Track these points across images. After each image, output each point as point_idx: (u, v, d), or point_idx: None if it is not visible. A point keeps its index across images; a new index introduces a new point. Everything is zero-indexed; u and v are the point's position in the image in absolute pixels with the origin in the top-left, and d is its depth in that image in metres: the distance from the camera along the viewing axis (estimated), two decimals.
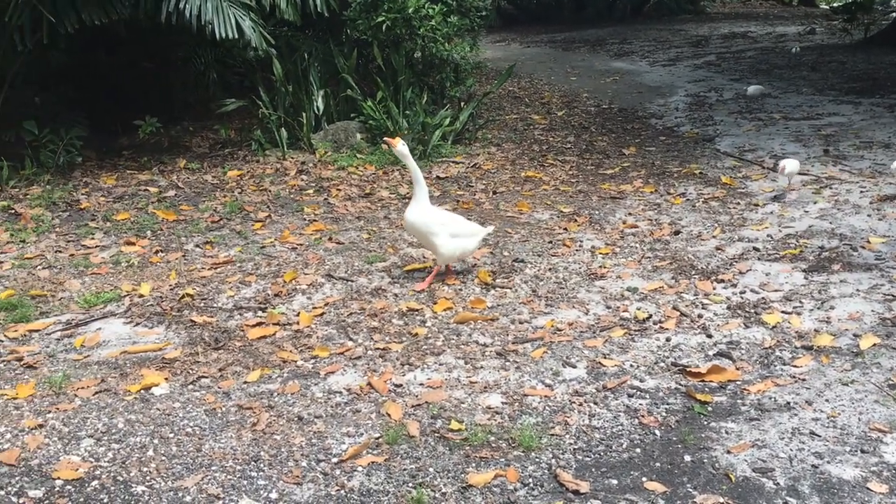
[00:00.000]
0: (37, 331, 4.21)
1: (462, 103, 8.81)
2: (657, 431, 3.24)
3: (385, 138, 4.67)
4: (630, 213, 6.17)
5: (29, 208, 6.08)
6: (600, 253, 5.31)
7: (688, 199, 6.42)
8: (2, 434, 3.25)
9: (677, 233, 5.64)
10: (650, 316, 4.30)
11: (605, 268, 5.02)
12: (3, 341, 4.10)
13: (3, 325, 4.26)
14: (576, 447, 3.14)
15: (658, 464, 3.04)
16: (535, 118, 9.78)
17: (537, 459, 3.06)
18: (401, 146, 4.57)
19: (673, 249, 5.33)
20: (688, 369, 3.69)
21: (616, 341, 4.03)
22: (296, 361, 3.88)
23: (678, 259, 5.14)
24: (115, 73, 8.46)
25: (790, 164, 6.30)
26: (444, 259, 4.71)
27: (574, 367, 3.78)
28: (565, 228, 5.84)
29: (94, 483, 2.94)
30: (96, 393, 3.57)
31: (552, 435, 3.22)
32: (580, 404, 3.45)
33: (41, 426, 3.30)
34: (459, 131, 8.36)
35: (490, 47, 14.98)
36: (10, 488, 2.91)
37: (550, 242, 5.54)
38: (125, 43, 8.03)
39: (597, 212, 6.24)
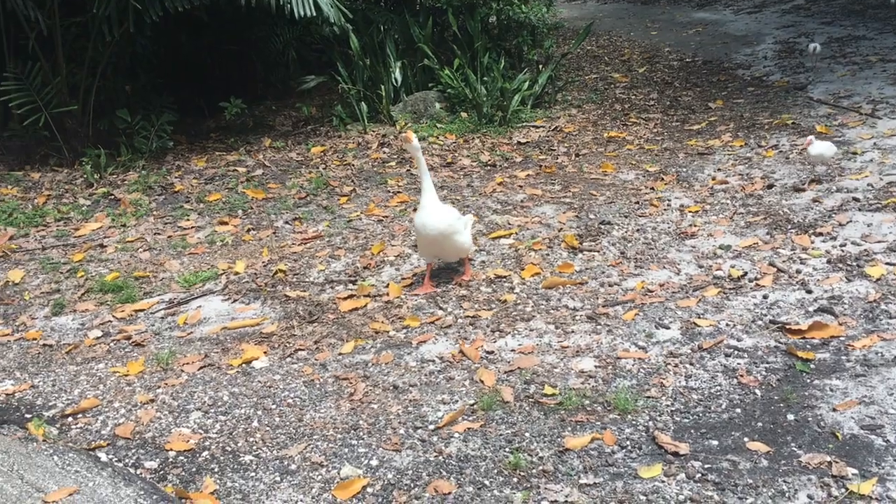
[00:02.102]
0: (142, 310, 4.41)
1: (540, 66, 8.70)
2: (757, 391, 3.17)
3: (402, 134, 4.48)
4: (719, 169, 6.00)
5: (127, 193, 6.33)
6: (690, 211, 5.18)
7: (780, 151, 6.19)
8: (116, 409, 3.42)
9: (770, 186, 5.46)
10: (745, 273, 4.18)
11: (695, 226, 4.90)
12: (111, 321, 4.30)
13: (111, 306, 4.47)
14: (673, 409, 3.11)
15: (760, 423, 2.97)
16: (615, 76, 9.56)
17: (634, 422, 3.04)
18: (415, 141, 4.31)
19: (766, 204, 5.16)
20: (788, 326, 3.59)
21: (710, 301, 3.94)
22: (388, 332, 3.94)
23: (773, 214, 4.97)
24: (199, 57, 8.68)
25: (818, 147, 5.28)
26: (466, 252, 4.42)
27: (667, 328, 3.72)
28: (652, 188, 5.73)
29: (205, 454, 3.07)
30: (201, 368, 3.72)
31: (648, 397, 3.19)
32: (676, 366, 3.40)
33: (152, 401, 3.46)
34: (539, 95, 8.26)
35: (566, 6, 14.68)
36: (127, 460, 3.07)
37: (637, 203, 5.44)
38: (207, 27, 8.21)
39: (684, 169, 6.08)
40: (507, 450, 2.94)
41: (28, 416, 3.42)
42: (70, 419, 3.38)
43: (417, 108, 7.97)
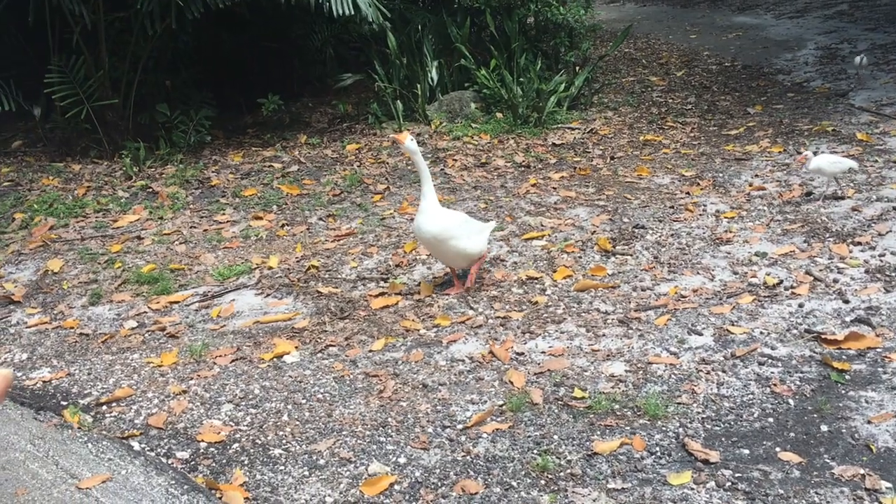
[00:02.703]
0: (177, 302, 4.46)
1: (577, 68, 8.66)
2: (791, 400, 3.13)
3: (392, 135, 4.28)
4: (757, 175, 5.92)
5: (165, 187, 6.41)
6: (725, 217, 5.13)
7: None
8: (150, 399, 3.47)
9: (809, 194, 5.38)
10: (781, 281, 4.13)
11: (730, 232, 4.85)
12: (147, 312, 4.37)
13: (147, 298, 4.54)
14: (704, 416, 3.08)
15: (792, 434, 2.93)
16: (653, 80, 9.49)
17: (664, 428, 3.02)
18: (408, 142, 4.08)
19: (804, 212, 5.09)
20: (823, 336, 3.54)
21: (744, 308, 3.90)
22: (418, 330, 3.95)
23: (810, 222, 4.90)
24: (238, 54, 8.77)
25: (816, 162, 5.04)
26: (469, 260, 4.25)
27: (700, 334, 3.69)
28: (687, 192, 5.67)
29: (235, 446, 3.10)
30: (233, 361, 3.76)
31: (679, 403, 3.16)
32: (707, 372, 3.36)
33: (185, 392, 3.51)
34: (575, 96, 8.22)
35: (604, 8, 14.59)
36: (159, 449, 3.12)
37: (672, 207, 5.39)
38: (247, 24, 8.30)
39: (721, 174, 6.02)
40: (535, 452, 2.93)
41: (64, 403, 3.48)
42: (104, 407, 3.44)
43: (453, 108, 7.97)
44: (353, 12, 6.84)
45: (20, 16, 6.68)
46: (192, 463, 3.02)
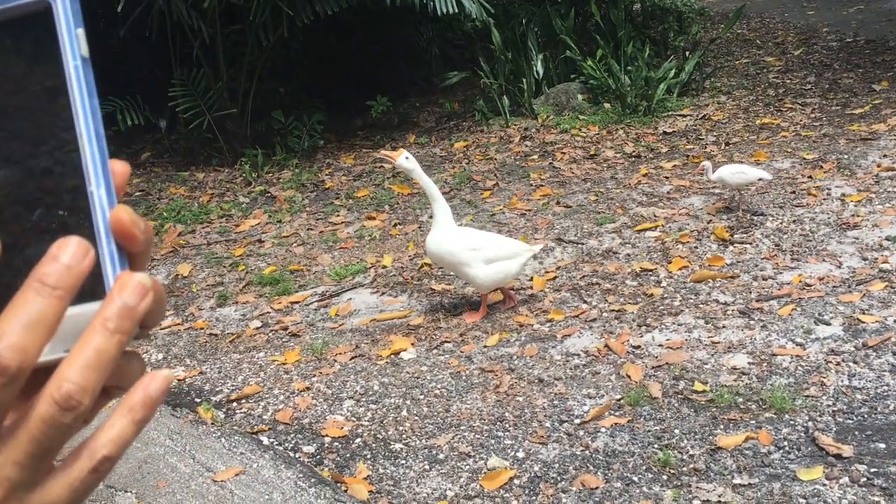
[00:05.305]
0: (297, 302, 4.63)
1: (687, 53, 8.42)
2: None
3: (383, 153, 3.92)
4: (885, 155, 5.61)
5: (282, 191, 6.65)
6: (852, 200, 4.89)
7: None
8: (276, 396, 3.62)
9: None
10: None
11: (858, 216, 4.62)
12: (270, 312, 4.55)
13: (269, 298, 4.72)
14: (835, 409, 2.95)
15: None
16: (768, 60, 9.12)
17: (792, 422, 2.91)
18: (402, 160, 3.83)
19: None
20: None
21: (876, 295, 3.71)
22: (532, 325, 3.96)
23: None
24: (346, 58, 8.99)
25: (719, 172, 4.72)
26: (482, 289, 3.99)
27: (828, 324, 3.53)
28: (810, 176, 5.44)
29: (358, 440, 3.20)
30: (352, 358, 3.87)
31: (807, 396, 3.04)
32: (837, 364, 3.23)
33: (308, 389, 3.64)
34: (685, 82, 8.00)
35: None
36: (287, 444, 3.25)
37: (793, 192, 5.18)
38: (354, 28, 8.49)
39: (845, 156, 5.73)
40: (655, 446, 2.89)
41: (198, 400, 3.68)
42: (235, 404, 3.61)
43: (559, 101, 7.91)
44: (456, 10, 6.89)
45: (143, 34, 7.07)
46: (318, 457, 3.14)
